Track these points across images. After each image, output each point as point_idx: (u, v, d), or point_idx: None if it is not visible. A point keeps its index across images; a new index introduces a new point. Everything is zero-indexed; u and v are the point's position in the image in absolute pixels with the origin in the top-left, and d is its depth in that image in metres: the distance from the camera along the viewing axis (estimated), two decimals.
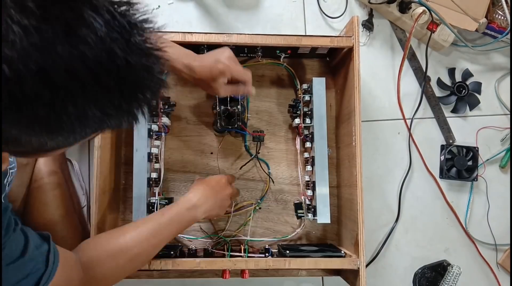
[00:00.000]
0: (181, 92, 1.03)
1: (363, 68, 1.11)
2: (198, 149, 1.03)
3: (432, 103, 1.13)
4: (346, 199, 0.96)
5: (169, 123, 1.00)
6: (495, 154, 1.13)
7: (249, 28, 1.11)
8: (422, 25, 1.09)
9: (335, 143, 1.05)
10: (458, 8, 1.08)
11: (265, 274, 1.00)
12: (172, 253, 0.87)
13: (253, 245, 1.01)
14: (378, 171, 1.10)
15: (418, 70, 1.13)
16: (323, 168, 0.94)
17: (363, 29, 1.13)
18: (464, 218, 1.11)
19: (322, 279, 1.07)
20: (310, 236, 1.03)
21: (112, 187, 0.95)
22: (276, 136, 1.04)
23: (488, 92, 1.16)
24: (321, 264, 0.87)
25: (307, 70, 1.06)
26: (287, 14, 1.13)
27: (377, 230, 1.09)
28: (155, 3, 1.11)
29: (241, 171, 1.03)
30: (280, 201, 1.03)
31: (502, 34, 1.10)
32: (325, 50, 0.99)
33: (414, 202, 1.11)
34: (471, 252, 1.11)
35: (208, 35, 0.90)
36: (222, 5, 1.12)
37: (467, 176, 1.10)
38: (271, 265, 0.86)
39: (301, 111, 0.98)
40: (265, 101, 1.05)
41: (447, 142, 1.12)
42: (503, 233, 1.11)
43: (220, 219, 1.01)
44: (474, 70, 1.15)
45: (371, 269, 1.08)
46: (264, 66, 1.04)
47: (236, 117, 0.95)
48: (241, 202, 1.02)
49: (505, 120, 1.15)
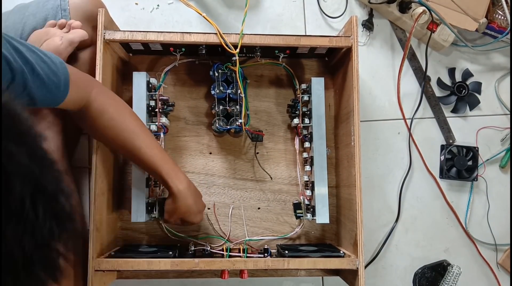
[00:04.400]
0: (180, 92, 1.03)
1: (363, 68, 1.11)
2: (197, 149, 1.03)
3: (432, 103, 1.13)
4: (345, 199, 0.96)
5: (168, 123, 1.00)
6: (495, 154, 1.12)
7: (249, 28, 1.11)
8: (422, 25, 1.09)
9: (334, 143, 1.04)
10: (458, 8, 1.08)
11: (264, 274, 1.00)
12: (171, 253, 0.87)
13: (252, 245, 1.01)
14: (378, 171, 1.10)
15: (418, 70, 1.13)
16: (322, 168, 0.94)
17: (363, 29, 1.13)
18: (464, 218, 1.11)
19: (322, 279, 1.07)
20: (309, 236, 1.03)
21: (111, 187, 0.95)
22: (275, 136, 1.04)
23: (488, 92, 1.15)
24: (320, 264, 0.87)
25: (306, 70, 1.06)
26: (287, 14, 1.13)
27: (377, 230, 1.09)
28: (154, 2, 1.11)
29: (240, 171, 1.03)
30: (279, 201, 1.03)
31: (502, 34, 1.10)
32: (324, 50, 0.99)
33: (414, 202, 1.10)
34: (471, 252, 1.10)
35: (207, 35, 0.90)
36: (222, 5, 1.12)
37: (467, 176, 1.10)
38: (270, 265, 0.86)
39: (300, 111, 0.98)
40: (264, 101, 1.05)
41: (447, 142, 1.12)
42: (503, 233, 1.11)
43: (220, 220, 1.02)
44: (474, 70, 1.14)
45: (371, 269, 1.08)
46: (263, 66, 1.04)
47: (234, 117, 0.95)
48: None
49: (505, 120, 1.14)
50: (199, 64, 1.02)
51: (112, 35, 0.89)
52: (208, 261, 0.85)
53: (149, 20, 1.11)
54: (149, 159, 0.82)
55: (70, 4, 0.89)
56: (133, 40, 0.90)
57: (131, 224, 1.00)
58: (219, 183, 1.03)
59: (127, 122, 0.81)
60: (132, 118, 0.83)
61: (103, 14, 0.88)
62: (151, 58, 1.03)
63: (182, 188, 0.84)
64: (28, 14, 0.89)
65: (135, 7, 1.11)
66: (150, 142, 0.83)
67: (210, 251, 0.95)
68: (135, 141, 0.81)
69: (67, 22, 0.86)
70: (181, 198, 0.84)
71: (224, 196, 1.02)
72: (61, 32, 0.84)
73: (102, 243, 0.89)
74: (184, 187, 0.85)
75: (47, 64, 0.66)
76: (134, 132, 0.81)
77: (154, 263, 0.84)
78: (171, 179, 0.83)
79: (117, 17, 0.98)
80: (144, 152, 0.82)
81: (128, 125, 0.81)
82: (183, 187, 0.84)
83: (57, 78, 0.68)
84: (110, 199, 0.95)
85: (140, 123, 0.83)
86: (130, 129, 0.81)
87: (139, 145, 0.81)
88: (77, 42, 0.84)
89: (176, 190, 0.84)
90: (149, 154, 0.82)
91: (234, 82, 0.95)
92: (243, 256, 0.94)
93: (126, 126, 0.81)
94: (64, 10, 0.89)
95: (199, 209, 0.89)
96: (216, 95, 0.95)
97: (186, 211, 0.86)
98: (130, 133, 0.81)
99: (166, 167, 0.83)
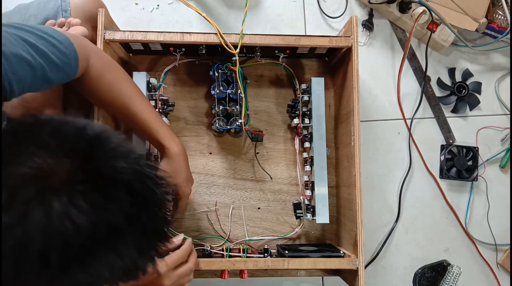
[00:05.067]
0: (180, 92, 1.03)
1: (363, 68, 1.11)
2: (197, 149, 1.03)
3: (432, 103, 1.13)
4: (345, 199, 0.96)
5: (168, 123, 1.00)
6: (495, 154, 1.12)
7: (249, 28, 1.11)
8: (422, 25, 1.09)
9: (334, 143, 1.04)
10: (458, 8, 1.08)
11: (264, 274, 1.00)
12: None
13: (252, 245, 1.01)
14: (378, 171, 1.10)
15: (418, 70, 1.13)
16: (322, 168, 0.94)
17: (363, 29, 1.13)
18: (464, 218, 1.11)
19: (322, 279, 1.08)
20: (309, 236, 1.03)
21: None
22: (275, 136, 1.04)
23: (488, 92, 1.15)
24: (320, 264, 0.87)
25: (306, 70, 1.06)
26: (287, 14, 1.13)
27: (377, 230, 1.09)
28: (154, 2, 1.11)
29: (240, 171, 1.03)
30: (279, 201, 1.03)
31: (502, 34, 1.10)
32: (324, 50, 0.99)
33: (414, 202, 1.10)
34: (471, 252, 1.10)
35: (207, 35, 0.90)
36: (222, 5, 1.12)
37: (467, 176, 1.10)
38: (270, 265, 0.86)
39: (300, 111, 0.98)
40: (264, 101, 1.05)
41: (447, 142, 1.12)
42: (503, 233, 1.11)
43: (219, 220, 1.02)
44: (474, 70, 1.14)
45: (371, 269, 1.08)
46: (263, 66, 1.04)
47: (234, 117, 0.95)
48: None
49: (505, 120, 1.14)
50: (199, 64, 1.02)
51: (112, 35, 0.89)
52: (208, 261, 0.85)
53: (149, 20, 1.11)
54: (145, 122, 0.83)
55: (71, 4, 0.89)
56: (133, 40, 0.90)
57: None
58: (219, 183, 1.03)
59: (124, 87, 0.82)
60: (129, 83, 0.84)
61: (103, 14, 0.88)
62: (151, 58, 1.03)
63: (178, 150, 0.84)
64: (29, 15, 0.89)
65: (135, 7, 1.11)
66: (146, 106, 0.84)
67: (210, 251, 0.95)
68: (131, 105, 0.82)
69: (66, 20, 0.86)
70: (176, 159, 0.84)
71: (224, 196, 1.02)
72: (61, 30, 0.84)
73: None
74: (180, 149, 0.85)
75: (56, 48, 0.67)
76: (130, 97, 0.82)
77: None
78: (167, 141, 0.84)
79: (117, 17, 0.98)
80: (140, 116, 0.83)
81: (125, 90, 0.82)
82: (178, 148, 0.84)
83: (68, 58, 0.69)
84: None
85: (136, 88, 0.84)
86: (127, 94, 0.82)
87: (135, 109, 0.82)
88: None
89: (172, 151, 0.83)
90: (145, 117, 0.83)
91: (234, 82, 0.95)
92: (243, 256, 0.94)
93: (123, 91, 0.82)
94: (65, 10, 0.89)
95: (190, 176, 0.89)
96: (216, 95, 0.95)
97: (180, 175, 0.86)
98: (127, 98, 0.82)
99: (162, 130, 0.84)
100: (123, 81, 0.83)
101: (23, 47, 0.60)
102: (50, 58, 0.65)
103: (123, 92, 0.82)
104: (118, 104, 0.82)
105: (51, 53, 0.65)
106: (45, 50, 0.64)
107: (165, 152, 0.84)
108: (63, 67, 0.68)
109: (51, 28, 0.70)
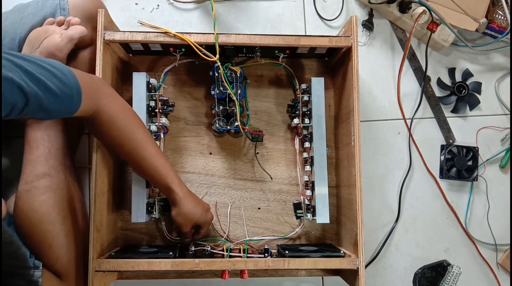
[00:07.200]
0: (180, 92, 1.03)
1: (363, 68, 1.11)
2: (197, 149, 1.03)
3: (432, 103, 1.13)
4: (345, 199, 0.96)
5: (168, 123, 1.00)
6: (495, 154, 1.12)
7: (249, 28, 1.11)
8: (422, 25, 1.09)
9: (334, 143, 1.04)
10: (458, 8, 1.08)
11: (264, 274, 1.00)
12: (171, 254, 0.87)
13: (252, 245, 1.01)
14: (378, 171, 1.10)
15: (418, 70, 1.13)
16: (322, 168, 0.94)
17: (363, 29, 1.13)
18: (464, 218, 1.11)
19: (322, 279, 1.07)
20: (309, 236, 1.03)
21: (111, 187, 0.95)
22: (275, 136, 1.04)
23: (488, 92, 1.15)
24: (320, 264, 0.87)
25: (306, 70, 1.06)
26: (287, 14, 1.13)
27: (377, 230, 1.09)
28: (154, 2, 1.11)
29: (240, 171, 1.03)
30: (279, 201, 1.03)
31: (502, 34, 1.10)
32: (324, 50, 0.99)
33: (414, 202, 1.10)
34: (471, 252, 1.10)
35: (207, 35, 0.89)
36: (222, 5, 1.12)
37: (467, 176, 1.10)
38: (270, 265, 0.86)
39: (300, 111, 0.98)
40: (264, 101, 1.05)
41: (447, 142, 1.12)
42: (503, 233, 1.11)
43: (220, 220, 1.02)
44: (474, 70, 1.14)
45: (371, 269, 1.08)
46: (263, 66, 1.04)
47: (235, 117, 0.95)
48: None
49: (505, 120, 1.14)
50: (199, 64, 1.02)
51: (112, 36, 0.89)
52: (209, 261, 0.85)
53: (149, 20, 1.09)
54: (155, 168, 0.86)
55: (69, 3, 0.89)
56: (133, 41, 0.90)
57: (131, 225, 1.00)
58: (219, 183, 1.03)
59: (135, 133, 0.84)
60: (140, 129, 0.85)
61: (102, 15, 0.88)
62: (151, 58, 1.03)
63: (186, 192, 0.89)
64: (27, 13, 0.88)
65: (135, 7, 1.11)
66: (156, 151, 0.86)
67: (210, 251, 0.95)
68: (141, 151, 0.84)
69: (65, 19, 0.86)
70: (187, 201, 0.88)
71: (224, 196, 1.03)
72: (60, 29, 0.84)
73: (102, 243, 0.89)
74: (187, 191, 0.89)
75: (57, 78, 0.68)
76: (141, 142, 0.84)
77: (154, 263, 0.84)
78: (176, 185, 0.87)
79: (117, 17, 0.98)
80: (149, 161, 0.85)
81: (136, 136, 0.84)
82: (186, 191, 0.89)
83: (69, 89, 0.70)
84: (110, 199, 0.95)
85: (147, 134, 0.86)
86: (137, 140, 0.84)
87: (145, 154, 0.85)
88: (76, 38, 0.84)
89: (181, 194, 0.87)
90: (155, 162, 0.85)
91: (234, 82, 0.95)
92: (244, 256, 0.94)
93: (134, 137, 0.84)
94: (63, 9, 0.89)
95: (205, 207, 0.93)
96: (216, 95, 0.95)
97: (196, 212, 0.89)
98: (137, 143, 0.84)
99: (170, 175, 0.87)
100: (135, 127, 0.84)
101: (16, 73, 0.61)
102: (48, 86, 0.66)
103: (134, 138, 0.84)
104: (127, 148, 0.84)
105: (50, 82, 0.66)
106: (41, 78, 0.65)
107: (174, 197, 0.87)
108: (63, 97, 0.69)
109: (57, 62, 0.71)
